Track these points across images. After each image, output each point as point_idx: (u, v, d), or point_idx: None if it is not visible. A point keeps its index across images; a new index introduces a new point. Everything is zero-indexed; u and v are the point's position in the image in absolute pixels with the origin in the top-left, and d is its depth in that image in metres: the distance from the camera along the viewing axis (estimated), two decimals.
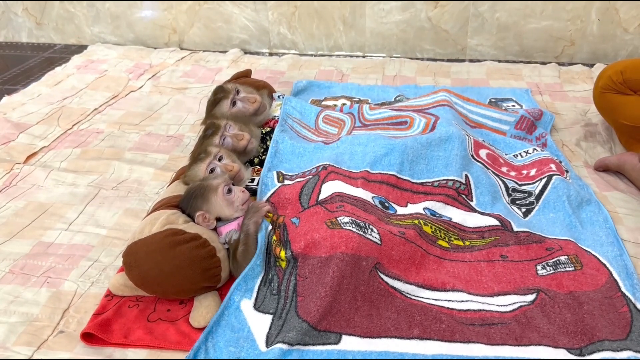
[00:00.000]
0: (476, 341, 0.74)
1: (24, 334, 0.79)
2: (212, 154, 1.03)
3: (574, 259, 0.86)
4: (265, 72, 1.73)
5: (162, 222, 0.86)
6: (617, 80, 1.18)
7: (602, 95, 1.23)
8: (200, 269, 0.81)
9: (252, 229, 0.86)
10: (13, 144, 1.31)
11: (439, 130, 1.12)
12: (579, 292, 0.80)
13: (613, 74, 1.20)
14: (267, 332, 0.76)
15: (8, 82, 1.73)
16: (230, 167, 1.02)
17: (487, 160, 1.11)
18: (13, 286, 0.88)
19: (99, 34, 2.05)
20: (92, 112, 1.48)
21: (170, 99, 1.56)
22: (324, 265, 0.81)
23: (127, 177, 1.18)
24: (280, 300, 0.80)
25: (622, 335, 0.73)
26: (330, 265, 0.81)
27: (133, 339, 0.77)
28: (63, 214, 1.05)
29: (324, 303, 0.76)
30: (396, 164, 1.08)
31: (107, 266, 0.92)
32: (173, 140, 1.33)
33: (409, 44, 1.90)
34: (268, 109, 1.28)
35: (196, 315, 0.79)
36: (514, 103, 1.46)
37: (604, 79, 1.22)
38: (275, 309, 0.79)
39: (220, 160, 1.03)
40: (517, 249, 0.90)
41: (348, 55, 1.94)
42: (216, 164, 1.02)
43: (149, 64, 1.81)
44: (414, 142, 1.09)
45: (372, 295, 0.80)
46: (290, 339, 0.73)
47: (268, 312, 0.79)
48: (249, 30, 1.96)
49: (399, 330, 0.76)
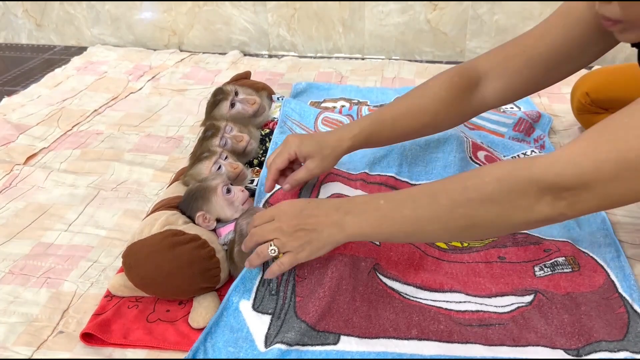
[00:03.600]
0: (474, 342, 0.74)
1: (23, 334, 0.79)
2: (217, 153, 1.04)
3: (572, 260, 0.87)
4: (265, 74, 1.73)
5: (162, 223, 0.86)
6: (586, 102, 1.19)
7: (579, 116, 1.26)
8: (199, 269, 0.81)
9: (245, 229, 0.86)
10: (13, 145, 1.31)
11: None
12: (576, 294, 0.80)
13: (581, 97, 1.21)
14: (265, 332, 0.76)
15: (8, 84, 1.73)
16: (235, 165, 1.03)
17: (485, 162, 1.12)
18: (13, 286, 0.88)
19: (98, 36, 2.06)
20: (91, 114, 1.48)
21: (170, 100, 1.56)
22: (322, 267, 0.82)
23: (126, 178, 1.18)
24: (279, 300, 0.80)
25: (619, 336, 0.73)
26: (329, 267, 0.81)
27: (132, 339, 0.77)
28: (63, 215, 1.06)
29: (323, 303, 0.76)
30: (395, 166, 1.09)
31: (106, 267, 0.92)
32: (173, 142, 1.33)
33: (408, 46, 1.91)
34: (267, 111, 1.28)
35: (195, 315, 0.79)
36: (512, 105, 1.46)
37: (575, 102, 1.24)
38: (274, 309, 0.79)
39: (225, 160, 1.04)
40: (514, 250, 0.90)
41: (347, 58, 1.94)
42: (221, 162, 1.02)
43: (148, 65, 1.82)
44: (413, 143, 1.09)
45: (371, 296, 0.80)
46: (289, 339, 0.73)
47: (267, 313, 0.78)
48: (248, 32, 1.97)
49: (397, 331, 0.76)
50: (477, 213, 0.63)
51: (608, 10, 0.61)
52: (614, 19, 0.62)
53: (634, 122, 0.56)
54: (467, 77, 0.88)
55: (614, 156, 0.56)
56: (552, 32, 0.82)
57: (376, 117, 0.91)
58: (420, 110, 0.89)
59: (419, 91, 0.91)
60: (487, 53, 0.90)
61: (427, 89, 0.91)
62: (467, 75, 0.88)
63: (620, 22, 0.61)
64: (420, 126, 0.90)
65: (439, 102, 0.88)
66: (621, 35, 0.64)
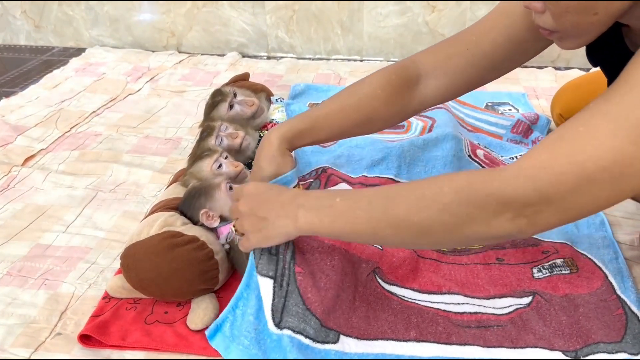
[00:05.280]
0: (472, 343, 0.74)
1: (21, 336, 0.79)
2: (218, 151, 1.04)
3: (570, 262, 0.87)
4: (263, 76, 1.73)
5: (160, 224, 0.86)
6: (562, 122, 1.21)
7: None
8: (198, 271, 0.81)
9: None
10: (11, 147, 1.31)
11: (436, 131, 1.13)
12: (574, 295, 0.81)
13: (557, 118, 1.23)
14: (271, 303, 0.72)
15: (6, 85, 1.73)
16: (237, 163, 1.03)
17: (484, 160, 1.12)
18: (11, 288, 0.88)
19: (97, 37, 2.06)
20: (90, 115, 1.48)
21: (169, 101, 1.56)
22: (323, 252, 0.80)
23: (125, 180, 1.18)
24: (279, 263, 0.76)
25: (617, 338, 0.73)
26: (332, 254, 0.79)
27: (130, 341, 0.77)
28: (61, 216, 1.06)
29: (329, 295, 0.75)
30: (393, 167, 1.09)
31: (104, 268, 0.92)
32: (171, 143, 1.33)
33: (406, 47, 1.91)
34: (266, 112, 1.28)
35: (193, 317, 0.79)
36: (510, 107, 1.46)
37: (555, 119, 1.25)
38: (274, 272, 0.75)
39: (225, 159, 1.04)
40: (513, 252, 0.91)
41: (346, 59, 1.94)
42: (222, 160, 1.02)
43: (147, 67, 1.82)
44: (411, 144, 1.09)
45: (370, 297, 0.80)
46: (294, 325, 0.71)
47: (268, 275, 0.74)
48: (247, 34, 1.97)
49: (396, 333, 0.76)
50: (432, 222, 0.62)
51: (542, 20, 0.61)
52: (549, 29, 0.61)
53: (590, 131, 0.55)
54: (405, 76, 0.86)
55: (573, 168, 0.55)
56: (495, 31, 0.81)
57: (308, 114, 0.89)
58: (354, 108, 0.86)
59: (353, 88, 0.88)
60: (426, 51, 0.88)
61: (363, 86, 0.87)
62: (405, 74, 0.86)
63: (557, 32, 0.61)
64: (355, 124, 0.87)
65: (375, 99, 0.85)
66: (560, 43, 0.64)
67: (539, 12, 0.61)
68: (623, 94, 0.54)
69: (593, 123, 0.56)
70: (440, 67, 0.85)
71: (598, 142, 0.54)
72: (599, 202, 0.57)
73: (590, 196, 0.56)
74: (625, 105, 0.54)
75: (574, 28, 0.59)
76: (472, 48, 0.83)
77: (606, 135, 0.54)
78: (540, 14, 0.61)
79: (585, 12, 0.56)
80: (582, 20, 0.57)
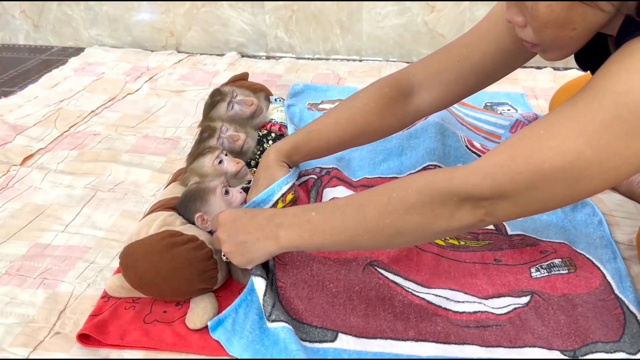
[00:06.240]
0: (471, 343, 0.74)
1: (20, 335, 0.79)
2: (219, 148, 1.04)
3: (568, 261, 0.87)
4: (263, 76, 1.73)
5: (159, 223, 0.86)
6: None
7: None
8: (197, 270, 0.81)
9: None
10: (10, 146, 1.31)
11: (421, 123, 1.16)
12: (572, 295, 0.81)
13: None
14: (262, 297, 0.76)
15: (5, 84, 1.73)
16: (237, 160, 1.04)
17: (484, 151, 1.12)
18: (9, 287, 0.88)
19: (96, 37, 2.06)
20: (89, 115, 1.48)
21: (168, 101, 1.56)
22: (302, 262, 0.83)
23: (124, 179, 1.18)
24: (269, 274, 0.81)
25: (615, 337, 0.74)
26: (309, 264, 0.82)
27: (129, 340, 0.77)
28: (60, 216, 1.06)
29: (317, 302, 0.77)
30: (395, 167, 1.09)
31: (103, 268, 0.92)
32: (170, 143, 1.33)
33: (405, 48, 1.91)
34: (265, 112, 1.29)
35: (192, 317, 0.79)
36: (509, 107, 1.47)
37: None
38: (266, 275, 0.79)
39: (226, 156, 1.04)
40: (511, 252, 0.91)
41: (345, 59, 1.95)
42: (223, 157, 1.03)
43: (146, 66, 1.82)
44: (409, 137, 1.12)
45: (370, 293, 0.81)
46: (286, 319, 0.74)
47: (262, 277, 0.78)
48: (246, 34, 1.97)
49: (395, 332, 0.76)
50: (402, 223, 0.65)
51: (524, 34, 0.63)
52: (531, 42, 0.63)
53: (549, 134, 0.57)
54: (397, 88, 0.88)
55: (529, 168, 0.57)
56: (484, 42, 0.82)
57: (304, 129, 0.93)
58: (348, 121, 0.89)
59: (348, 103, 0.91)
60: (417, 63, 0.91)
61: (356, 100, 0.90)
62: (397, 86, 0.88)
63: (539, 45, 0.63)
64: (351, 136, 0.90)
65: (369, 113, 0.88)
66: (543, 55, 0.66)
67: (520, 27, 0.63)
68: (589, 100, 0.56)
69: (556, 126, 0.57)
70: (432, 80, 0.88)
71: (557, 144, 0.56)
72: (557, 199, 0.59)
73: (547, 193, 0.58)
74: (590, 111, 0.55)
75: (554, 42, 0.61)
76: (462, 60, 0.85)
77: (568, 137, 0.56)
78: (522, 28, 0.63)
79: (564, 27, 0.58)
80: (562, 35, 0.59)
